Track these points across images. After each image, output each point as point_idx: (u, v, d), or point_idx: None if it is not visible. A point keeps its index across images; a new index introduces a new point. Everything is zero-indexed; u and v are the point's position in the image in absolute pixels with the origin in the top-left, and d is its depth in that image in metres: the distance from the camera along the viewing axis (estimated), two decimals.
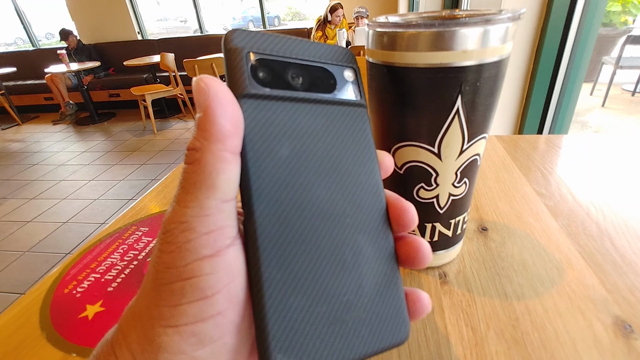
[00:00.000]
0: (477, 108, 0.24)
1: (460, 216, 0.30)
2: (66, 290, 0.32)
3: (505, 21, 0.21)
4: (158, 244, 0.12)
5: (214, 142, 0.12)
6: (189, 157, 0.12)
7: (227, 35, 0.15)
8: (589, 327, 0.26)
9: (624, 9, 3.64)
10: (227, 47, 0.15)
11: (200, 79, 0.13)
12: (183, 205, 0.12)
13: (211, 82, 0.13)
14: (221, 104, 0.13)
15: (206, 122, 0.12)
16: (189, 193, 0.12)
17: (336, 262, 0.15)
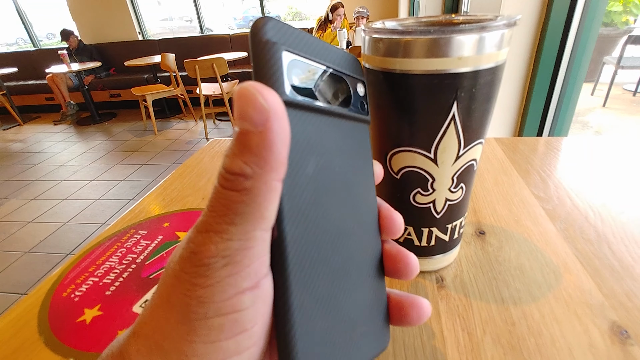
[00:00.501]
0: (473, 114, 0.24)
1: (457, 221, 0.30)
2: (64, 293, 0.33)
3: (500, 28, 0.21)
4: (188, 276, 0.11)
5: (269, 172, 0.11)
6: (235, 184, 0.11)
7: (258, 23, 0.12)
8: (585, 332, 0.26)
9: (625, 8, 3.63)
10: (260, 38, 0.12)
11: (255, 89, 0.11)
12: (226, 238, 0.11)
13: (269, 95, 0.11)
14: (281, 127, 0.11)
15: (263, 147, 0.10)
16: (234, 224, 0.11)
17: (345, 280, 0.15)
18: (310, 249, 0.13)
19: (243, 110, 0.10)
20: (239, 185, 0.11)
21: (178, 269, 0.12)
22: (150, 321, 0.12)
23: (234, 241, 0.11)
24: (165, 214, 0.44)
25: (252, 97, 0.10)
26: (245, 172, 0.11)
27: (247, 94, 0.10)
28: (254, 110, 0.10)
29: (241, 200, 0.11)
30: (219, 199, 0.11)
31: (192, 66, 2.90)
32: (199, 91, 3.09)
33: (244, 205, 0.11)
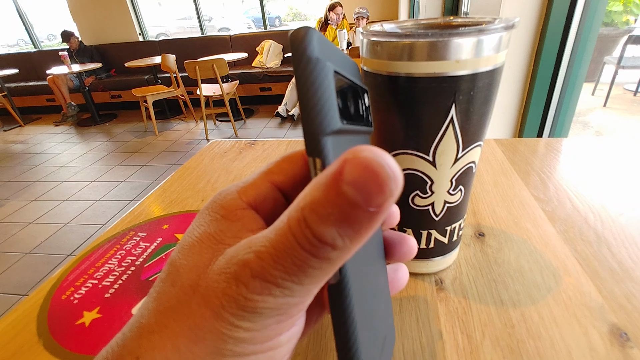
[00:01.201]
0: (472, 117, 0.24)
1: (456, 223, 0.30)
2: (64, 296, 0.33)
3: (498, 30, 0.21)
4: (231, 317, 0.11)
5: (357, 245, 0.10)
6: (320, 252, 0.10)
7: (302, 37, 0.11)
8: (585, 335, 0.26)
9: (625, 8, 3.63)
10: (308, 56, 0.11)
11: (389, 168, 0.09)
12: (287, 294, 0.11)
13: (397, 178, 0.09)
14: (391, 206, 0.10)
15: (366, 227, 0.10)
16: (301, 284, 0.10)
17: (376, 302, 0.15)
18: (360, 282, 0.13)
19: (365, 184, 0.09)
20: (323, 254, 0.10)
21: (217, 304, 0.11)
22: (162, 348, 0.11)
23: (295, 298, 0.11)
24: (164, 216, 0.44)
25: (381, 177, 0.09)
26: (337, 245, 0.10)
27: (378, 170, 0.09)
28: (377, 191, 0.09)
29: (319, 267, 0.10)
30: (292, 257, 0.10)
31: (192, 67, 2.90)
32: (200, 92, 3.09)
33: (319, 271, 0.10)
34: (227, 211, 0.14)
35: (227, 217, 0.14)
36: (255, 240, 0.11)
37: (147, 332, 0.12)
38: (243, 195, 0.14)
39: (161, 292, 0.13)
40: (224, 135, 3.34)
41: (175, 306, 0.12)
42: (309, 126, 0.11)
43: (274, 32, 4.39)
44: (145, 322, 0.12)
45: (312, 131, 0.11)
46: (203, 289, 0.11)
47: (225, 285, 0.11)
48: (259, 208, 0.14)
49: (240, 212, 0.14)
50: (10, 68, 4.20)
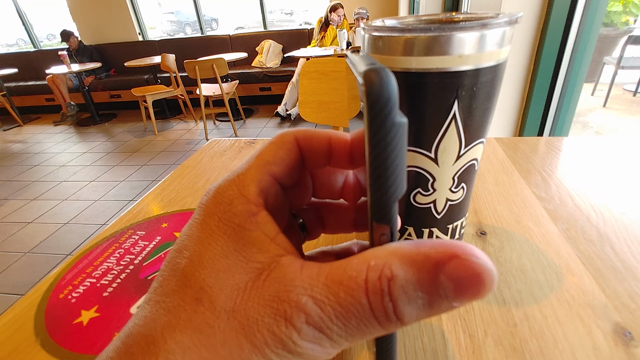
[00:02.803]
0: (474, 113, 0.23)
1: (458, 221, 0.29)
2: (61, 295, 0.32)
3: (502, 25, 0.21)
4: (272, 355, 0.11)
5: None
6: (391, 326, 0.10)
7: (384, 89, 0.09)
8: (588, 334, 0.25)
9: (625, 9, 3.63)
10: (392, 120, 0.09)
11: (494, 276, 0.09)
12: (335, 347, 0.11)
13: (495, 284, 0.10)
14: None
15: (439, 313, 0.10)
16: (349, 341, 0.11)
17: None
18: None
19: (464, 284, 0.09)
20: (392, 329, 0.10)
21: (260, 339, 0.11)
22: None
23: (338, 349, 0.11)
24: (163, 215, 0.44)
25: (486, 285, 0.09)
26: (408, 323, 0.10)
27: (483, 279, 0.09)
28: (473, 294, 0.09)
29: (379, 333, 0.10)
30: (359, 321, 0.10)
31: (192, 67, 2.90)
32: (199, 92, 3.08)
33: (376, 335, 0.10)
34: (240, 219, 0.13)
35: (244, 227, 0.12)
36: (310, 282, 0.11)
37: (163, 351, 0.11)
38: (248, 195, 0.13)
39: (177, 306, 0.11)
40: (223, 135, 3.34)
41: (203, 328, 0.11)
42: (381, 194, 0.10)
43: (273, 32, 4.38)
44: (159, 337, 0.11)
45: (384, 200, 0.10)
46: (242, 318, 0.11)
47: (272, 321, 0.10)
48: (266, 205, 0.14)
49: (255, 218, 0.13)
50: (10, 67, 4.20)
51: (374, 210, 0.11)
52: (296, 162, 0.15)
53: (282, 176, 0.15)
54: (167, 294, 0.12)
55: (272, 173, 0.14)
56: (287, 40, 4.28)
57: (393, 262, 0.10)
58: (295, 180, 0.16)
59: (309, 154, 0.15)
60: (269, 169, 0.14)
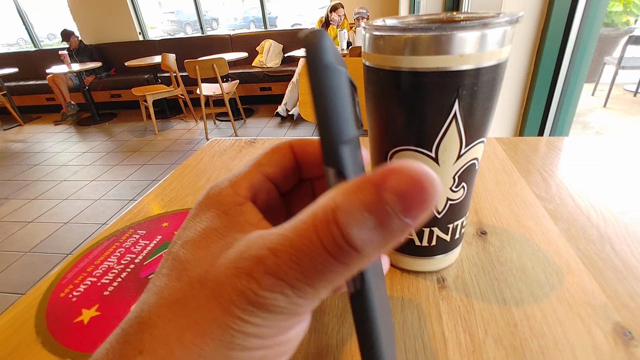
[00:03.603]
0: (475, 112, 0.23)
1: (458, 220, 0.29)
2: (62, 294, 0.32)
3: (502, 25, 0.21)
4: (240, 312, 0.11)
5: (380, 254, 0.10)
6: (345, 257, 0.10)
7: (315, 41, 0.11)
8: (589, 333, 0.25)
9: (625, 9, 3.62)
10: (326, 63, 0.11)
11: (434, 186, 0.09)
12: (300, 296, 0.10)
13: (441, 194, 0.10)
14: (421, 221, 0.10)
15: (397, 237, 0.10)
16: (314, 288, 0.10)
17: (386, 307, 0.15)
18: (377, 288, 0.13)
19: (407, 196, 0.09)
20: (348, 260, 0.10)
21: (226, 298, 0.11)
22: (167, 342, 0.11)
23: (305, 300, 0.11)
24: (164, 214, 0.44)
25: (428, 191, 0.09)
26: (364, 252, 0.09)
27: (424, 185, 0.09)
28: (419, 203, 0.09)
29: (339, 272, 0.10)
30: (313, 259, 0.10)
31: (192, 66, 2.90)
32: (200, 91, 3.08)
33: (338, 276, 0.10)
34: (226, 207, 0.14)
35: (228, 213, 0.14)
36: (270, 237, 0.11)
37: (149, 327, 0.11)
38: (238, 189, 0.14)
39: (164, 286, 0.12)
40: (224, 135, 3.34)
41: (181, 299, 0.11)
42: (327, 136, 0.11)
43: (274, 32, 4.38)
44: (147, 316, 0.12)
45: (329, 140, 0.11)
46: (212, 283, 0.11)
47: (235, 279, 0.11)
48: (255, 200, 0.15)
49: (240, 207, 0.14)
50: (10, 67, 4.20)
51: (323, 153, 0.11)
52: (290, 166, 0.16)
53: (276, 177, 0.16)
54: (159, 278, 0.13)
55: (264, 173, 0.15)
56: (287, 40, 4.28)
57: (337, 194, 0.10)
58: (291, 185, 0.17)
59: (304, 161, 0.16)
60: (261, 169, 0.15)
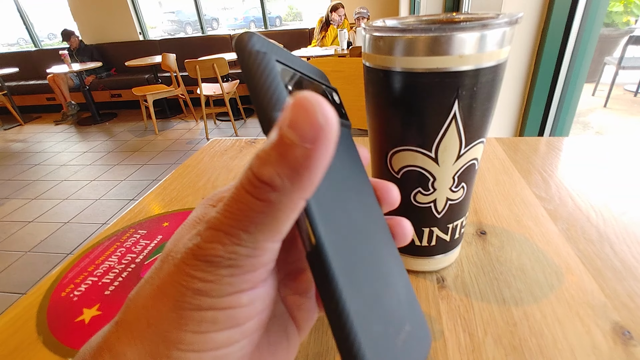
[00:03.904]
0: (474, 113, 0.23)
1: (458, 220, 0.29)
2: (63, 293, 0.32)
3: (502, 26, 0.21)
4: (189, 268, 0.11)
5: (299, 190, 0.10)
6: (260, 192, 0.10)
7: (243, 37, 0.12)
8: (588, 333, 0.25)
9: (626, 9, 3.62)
10: (250, 50, 0.12)
11: (317, 103, 0.10)
12: (235, 242, 0.11)
13: (329, 114, 0.10)
14: (329, 149, 0.10)
15: (302, 165, 0.10)
16: (247, 232, 0.11)
17: (381, 281, 0.14)
18: (347, 252, 0.13)
19: (296, 121, 0.09)
20: (263, 195, 0.10)
21: (179, 258, 0.12)
22: (135, 308, 0.12)
23: (242, 247, 0.11)
24: (164, 214, 0.44)
25: (311, 110, 0.09)
26: (275, 184, 0.10)
27: (307, 106, 0.09)
28: (309, 125, 0.09)
29: (261, 210, 0.10)
30: (239, 202, 0.11)
31: (192, 66, 2.90)
32: (200, 91, 3.08)
33: (263, 216, 0.10)
34: (217, 201, 0.14)
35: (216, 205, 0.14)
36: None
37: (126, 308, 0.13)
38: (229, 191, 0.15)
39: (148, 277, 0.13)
40: (224, 135, 3.34)
41: (153, 280, 0.12)
42: (261, 108, 0.12)
43: (274, 32, 4.38)
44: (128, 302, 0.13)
45: (264, 112, 0.12)
46: (174, 252, 0.12)
47: (188, 242, 0.12)
48: None
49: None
50: (11, 67, 4.20)
51: (262, 126, 0.12)
52: None
53: None
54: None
55: None
56: (287, 40, 4.28)
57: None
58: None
59: None
60: None
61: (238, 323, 0.12)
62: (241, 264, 0.11)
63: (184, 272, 0.11)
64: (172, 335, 0.11)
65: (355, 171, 0.17)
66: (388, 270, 0.15)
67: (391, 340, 0.13)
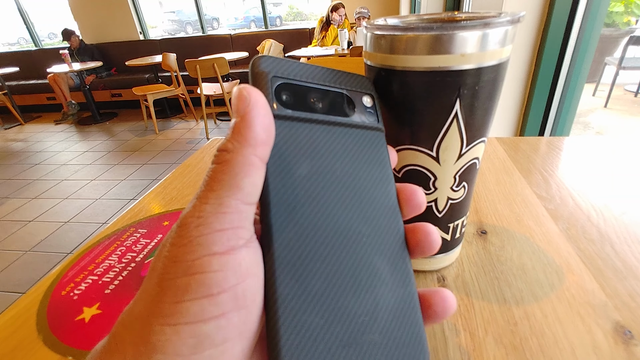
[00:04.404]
0: (476, 112, 0.23)
1: (459, 220, 0.29)
2: (63, 292, 0.32)
3: (504, 24, 0.21)
4: (170, 238, 0.13)
5: (247, 146, 0.13)
6: (218, 157, 0.13)
7: (254, 60, 0.16)
8: (589, 332, 0.25)
9: (626, 9, 3.62)
10: (254, 71, 0.16)
11: (244, 88, 0.14)
12: (204, 202, 0.12)
13: (253, 92, 0.14)
14: (259, 113, 0.13)
15: (243, 126, 0.13)
16: (212, 190, 0.13)
17: (352, 282, 0.14)
18: (303, 243, 0.14)
19: (236, 103, 0.13)
20: (221, 159, 0.13)
21: (167, 238, 0.13)
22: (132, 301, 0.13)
23: (208, 204, 0.12)
24: (165, 213, 0.44)
25: (238, 93, 0.14)
26: (228, 147, 0.13)
27: (236, 92, 0.14)
28: (239, 102, 0.13)
29: (220, 170, 0.13)
30: (207, 174, 0.13)
31: (193, 66, 2.90)
32: (200, 91, 3.09)
33: (222, 174, 0.13)
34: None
35: None
36: None
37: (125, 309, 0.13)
38: None
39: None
40: (224, 134, 3.31)
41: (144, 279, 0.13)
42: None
43: (274, 32, 4.38)
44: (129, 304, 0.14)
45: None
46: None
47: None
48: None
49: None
50: (11, 66, 4.20)
51: None
52: None
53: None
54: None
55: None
56: (288, 40, 4.28)
57: None
58: None
59: None
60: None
61: (210, 292, 0.11)
62: (209, 220, 0.12)
63: (168, 243, 0.12)
64: (154, 309, 0.12)
65: (373, 175, 0.17)
66: (372, 276, 0.15)
67: (335, 339, 0.13)
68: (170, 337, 0.11)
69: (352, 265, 0.15)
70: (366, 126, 0.18)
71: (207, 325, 0.11)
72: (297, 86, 0.17)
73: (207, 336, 0.11)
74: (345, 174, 0.16)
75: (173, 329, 0.11)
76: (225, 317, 0.12)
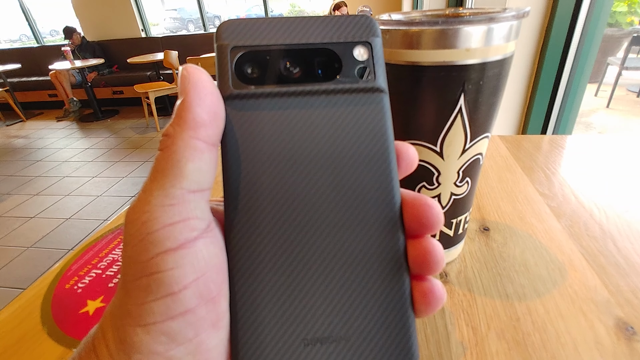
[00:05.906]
0: (480, 107, 0.23)
1: (462, 216, 0.29)
2: (67, 285, 0.33)
3: (509, 19, 0.21)
4: (124, 236, 0.12)
5: (187, 130, 0.12)
6: (161, 144, 0.12)
7: (218, 28, 0.14)
8: (591, 328, 0.25)
9: (629, 9, 3.61)
10: (216, 44, 0.14)
11: (185, 68, 0.13)
12: (148, 194, 0.12)
13: (194, 70, 0.13)
14: (199, 92, 0.12)
15: (182, 109, 0.12)
16: (155, 181, 0.12)
17: (324, 275, 0.13)
18: (268, 232, 0.13)
19: (178, 86, 0.13)
20: (162, 144, 0.12)
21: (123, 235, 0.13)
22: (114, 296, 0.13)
23: (153, 197, 0.12)
24: None
25: (181, 73, 0.13)
26: (169, 132, 0.12)
27: (182, 72, 0.13)
28: (181, 82, 0.13)
29: (162, 157, 0.12)
30: (153, 162, 0.12)
31: (194, 63, 2.89)
32: None
33: (164, 161, 0.12)
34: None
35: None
36: None
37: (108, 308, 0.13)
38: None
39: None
40: None
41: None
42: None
43: None
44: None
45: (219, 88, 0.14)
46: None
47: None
48: None
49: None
50: (13, 63, 4.20)
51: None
52: None
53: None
54: None
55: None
56: None
57: None
58: None
59: None
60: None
61: (171, 290, 0.11)
62: (155, 216, 0.11)
63: (123, 242, 0.12)
64: (123, 311, 0.11)
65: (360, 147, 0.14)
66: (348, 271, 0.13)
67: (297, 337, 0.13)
68: (142, 337, 0.11)
69: (325, 256, 0.13)
70: (359, 88, 0.14)
71: (175, 322, 0.11)
72: (264, 52, 0.14)
73: (178, 332, 0.11)
74: (327, 152, 0.14)
75: (144, 329, 0.11)
76: (192, 313, 0.12)
